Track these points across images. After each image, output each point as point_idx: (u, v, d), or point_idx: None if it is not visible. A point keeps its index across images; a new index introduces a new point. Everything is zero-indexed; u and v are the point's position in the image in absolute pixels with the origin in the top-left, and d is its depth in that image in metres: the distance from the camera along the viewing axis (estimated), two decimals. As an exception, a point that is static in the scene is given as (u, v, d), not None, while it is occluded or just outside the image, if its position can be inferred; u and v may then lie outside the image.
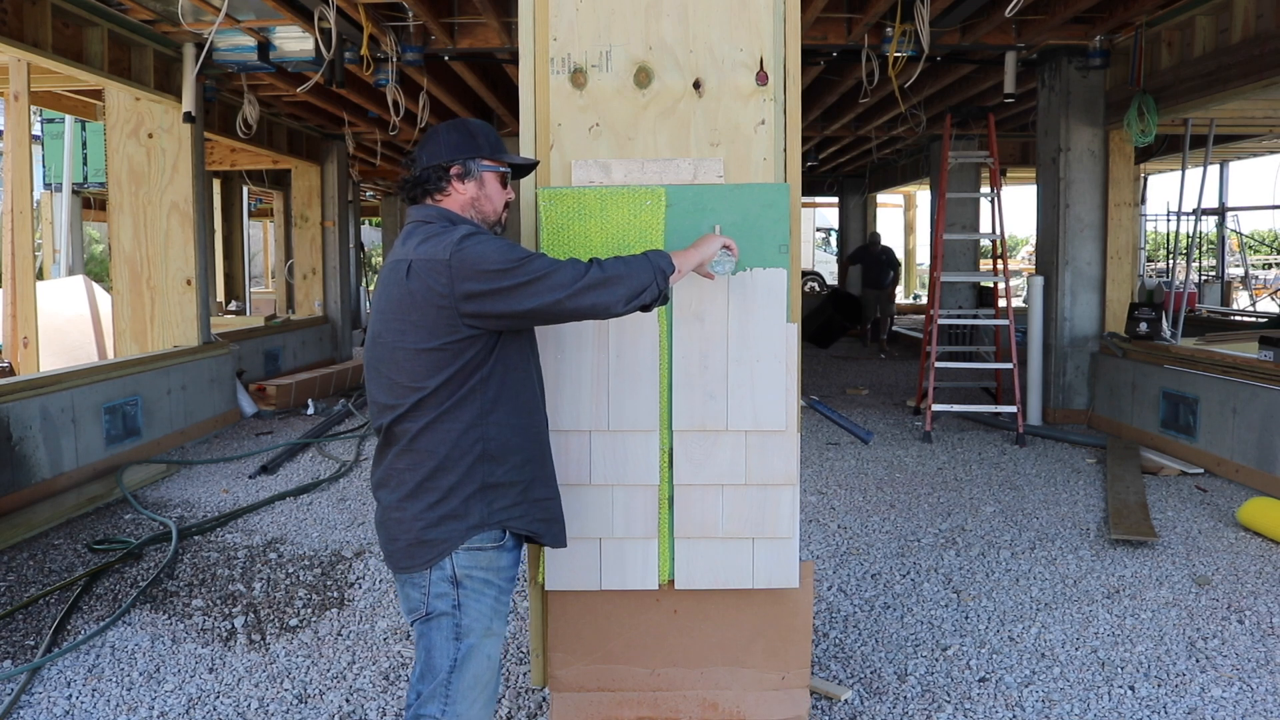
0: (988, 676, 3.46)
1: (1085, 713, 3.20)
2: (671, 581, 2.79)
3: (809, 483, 6.16)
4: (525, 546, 2.50)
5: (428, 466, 2.16)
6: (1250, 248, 21.32)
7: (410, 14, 7.30)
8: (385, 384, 2.18)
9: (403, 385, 2.15)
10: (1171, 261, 11.64)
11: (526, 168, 2.44)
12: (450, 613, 2.15)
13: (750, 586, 2.78)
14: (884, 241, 14.69)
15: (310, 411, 9.05)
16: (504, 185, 2.33)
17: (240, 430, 8.23)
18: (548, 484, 2.34)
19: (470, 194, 2.26)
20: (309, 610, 4.12)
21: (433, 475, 2.15)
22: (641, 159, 2.76)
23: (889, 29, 7.32)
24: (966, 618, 4.00)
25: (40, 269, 12.07)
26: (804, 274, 12.92)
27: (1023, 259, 27.05)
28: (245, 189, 15.09)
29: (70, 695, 3.35)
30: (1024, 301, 9.84)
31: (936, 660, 3.60)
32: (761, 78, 2.76)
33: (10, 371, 7.59)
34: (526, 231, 2.86)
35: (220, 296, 15.05)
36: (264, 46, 7.64)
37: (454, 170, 2.25)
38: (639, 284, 2.17)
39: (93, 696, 3.35)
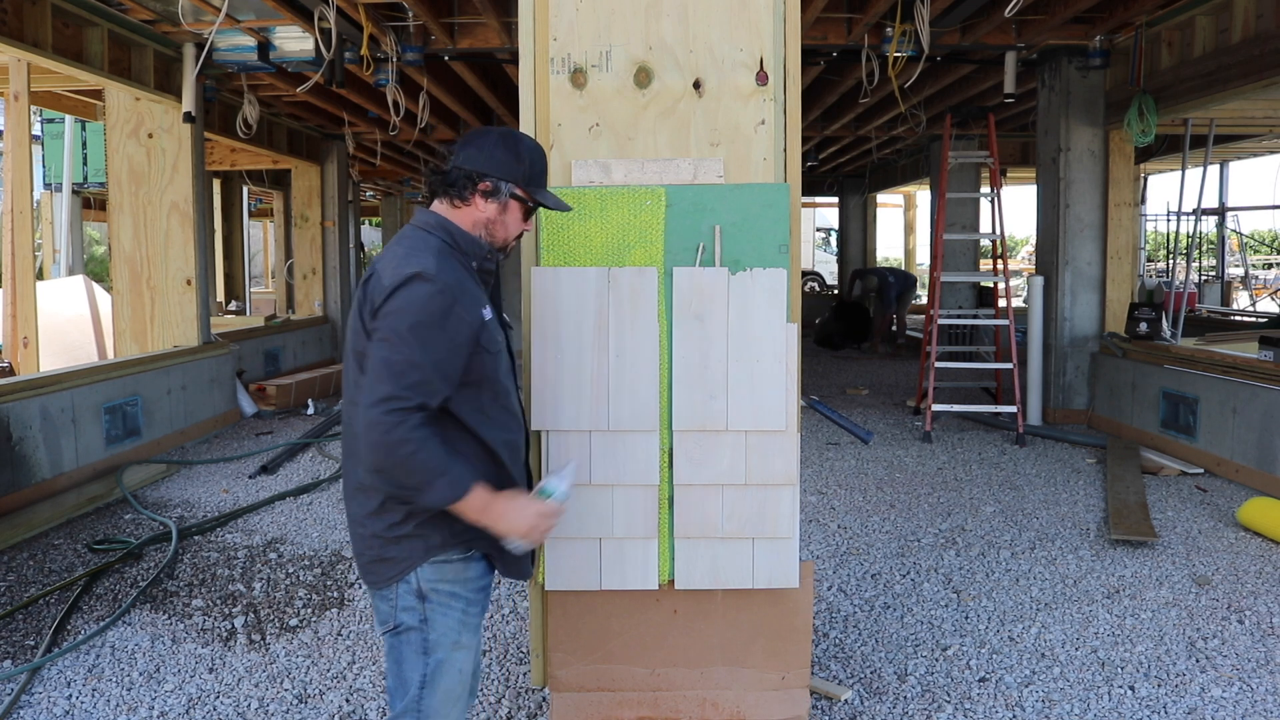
0: (988, 676, 3.46)
1: (1085, 713, 3.20)
2: (671, 581, 2.79)
3: (809, 483, 6.16)
4: None
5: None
6: (1250, 248, 21.31)
7: (410, 14, 7.30)
8: (351, 389, 2.07)
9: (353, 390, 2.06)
10: (1171, 261, 11.64)
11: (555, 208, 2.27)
12: (418, 627, 2.10)
13: (750, 586, 2.78)
14: (897, 267, 15.07)
15: (310, 411, 9.05)
16: (526, 218, 2.20)
17: (240, 430, 8.23)
18: None
19: (489, 214, 2.14)
20: (309, 610, 4.12)
21: (386, 496, 2.05)
22: (641, 159, 2.76)
23: (889, 29, 7.32)
24: (966, 618, 4.00)
25: (40, 269, 12.07)
26: (804, 274, 13.00)
27: (1023, 259, 27.04)
28: (245, 189, 15.09)
29: (70, 695, 3.35)
30: (1024, 301, 9.84)
31: (936, 660, 3.60)
32: (761, 78, 2.76)
33: (10, 371, 7.59)
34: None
35: (220, 296, 15.05)
36: (264, 46, 7.64)
37: (482, 185, 2.12)
38: (413, 482, 1.94)
39: (93, 696, 3.35)
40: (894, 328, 14.64)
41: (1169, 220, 15.73)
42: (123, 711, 3.25)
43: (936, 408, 7.80)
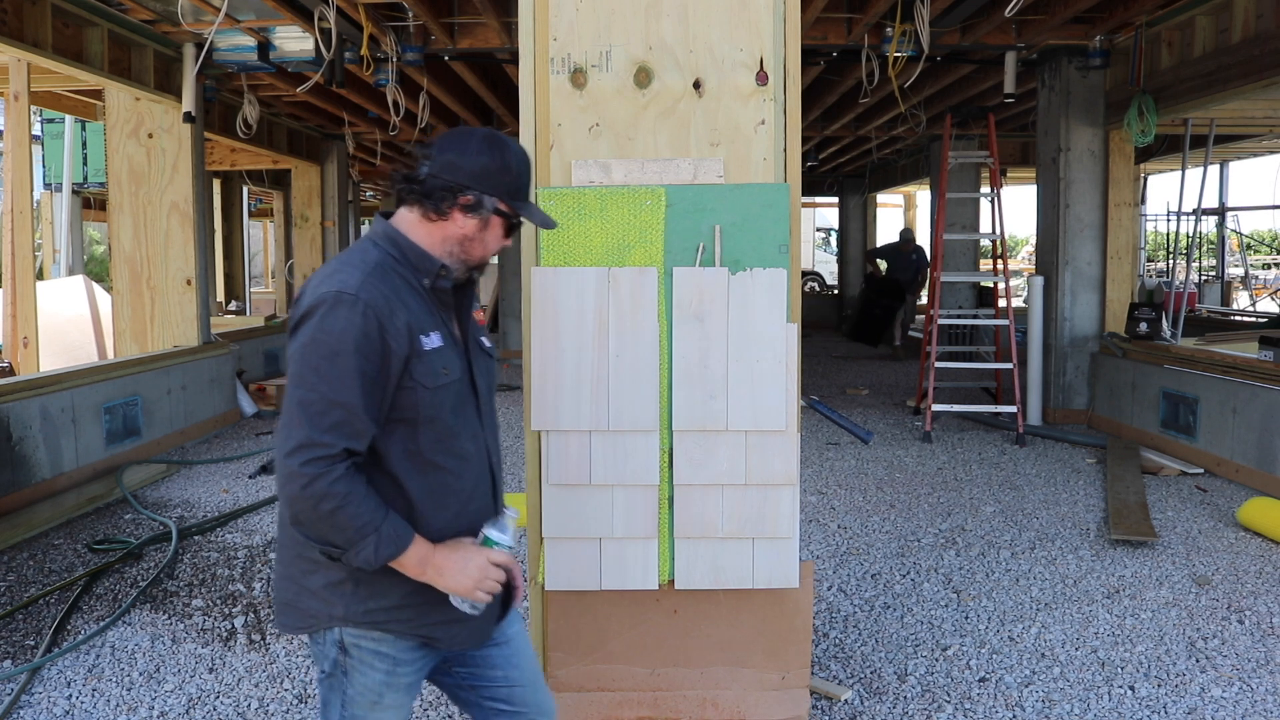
0: (988, 676, 3.46)
1: (1085, 713, 3.20)
2: (671, 582, 2.79)
3: (809, 483, 6.16)
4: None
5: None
6: (1250, 248, 21.31)
7: (410, 14, 7.30)
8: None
9: None
10: (1171, 261, 11.65)
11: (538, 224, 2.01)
12: (337, 676, 1.85)
13: (750, 586, 2.78)
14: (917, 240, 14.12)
15: (310, 411, 9.04)
16: (508, 235, 1.92)
17: (240, 430, 8.23)
18: None
19: (465, 231, 1.85)
20: (309, 610, 4.11)
21: (305, 542, 1.79)
22: (641, 159, 2.76)
23: (889, 29, 7.32)
24: (966, 618, 4.00)
25: (40, 269, 12.07)
26: (804, 274, 12.64)
27: (1023, 259, 27.04)
28: (245, 189, 15.09)
29: (70, 695, 3.35)
30: (1024, 301, 9.84)
31: (936, 660, 3.60)
32: (761, 78, 2.76)
33: (10, 371, 7.59)
34: (526, 232, 2.86)
35: (220, 296, 15.05)
36: (264, 46, 7.64)
37: (463, 199, 1.82)
38: (339, 540, 1.71)
39: (93, 696, 3.35)
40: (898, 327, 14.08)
41: (1169, 220, 15.74)
42: (123, 711, 3.25)
43: (936, 408, 7.80)
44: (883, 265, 14.10)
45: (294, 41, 7.66)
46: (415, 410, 1.79)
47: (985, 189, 9.53)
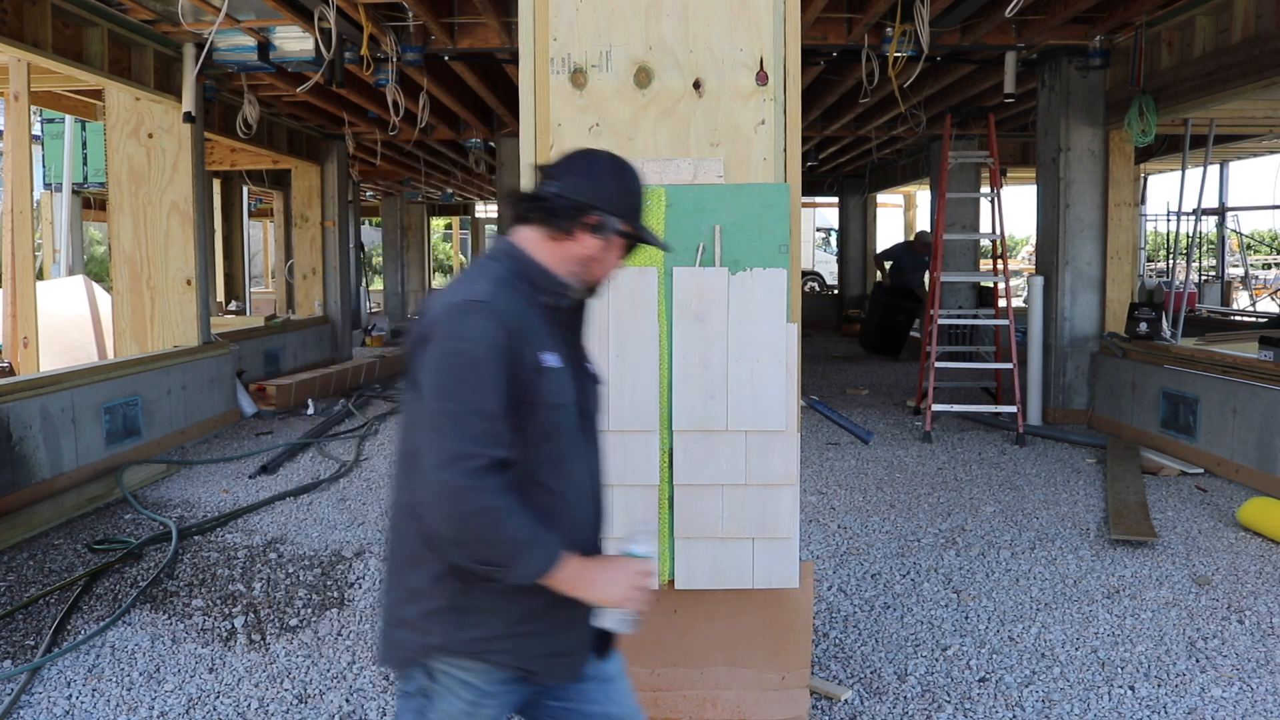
0: (988, 676, 3.46)
1: (1085, 713, 3.20)
2: (671, 581, 2.79)
3: (809, 483, 6.16)
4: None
5: (401, 554, 1.79)
6: (1250, 248, 21.32)
7: (410, 14, 7.30)
8: (403, 442, 1.80)
9: (403, 440, 1.79)
10: (1171, 261, 11.65)
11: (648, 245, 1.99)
12: (419, 699, 1.81)
13: (750, 586, 2.79)
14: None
15: (310, 412, 9.05)
16: (625, 255, 1.92)
17: (240, 430, 8.23)
18: (561, 609, 1.78)
19: (589, 250, 1.83)
20: (309, 610, 4.12)
21: (403, 568, 1.78)
22: (641, 159, 2.76)
23: (889, 29, 7.32)
24: (966, 618, 4.00)
25: (40, 269, 12.07)
26: (804, 274, 12.39)
27: (1023, 259, 27.04)
28: (245, 189, 15.09)
29: (70, 695, 3.35)
30: (1024, 301, 9.84)
31: (936, 660, 3.60)
32: (761, 78, 2.76)
33: (10, 371, 7.59)
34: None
35: (220, 296, 15.05)
36: (264, 46, 7.64)
37: (590, 219, 1.81)
38: (499, 556, 1.66)
39: (93, 696, 3.35)
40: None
41: (1169, 220, 15.74)
42: (123, 711, 3.25)
43: (936, 408, 7.80)
44: (886, 266, 13.96)
45: (294, 41, 7.66)
46: (535, 428, 1.74)
47: (985, 189, 9.53)
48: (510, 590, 1.71)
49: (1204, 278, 15.99)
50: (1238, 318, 13.78)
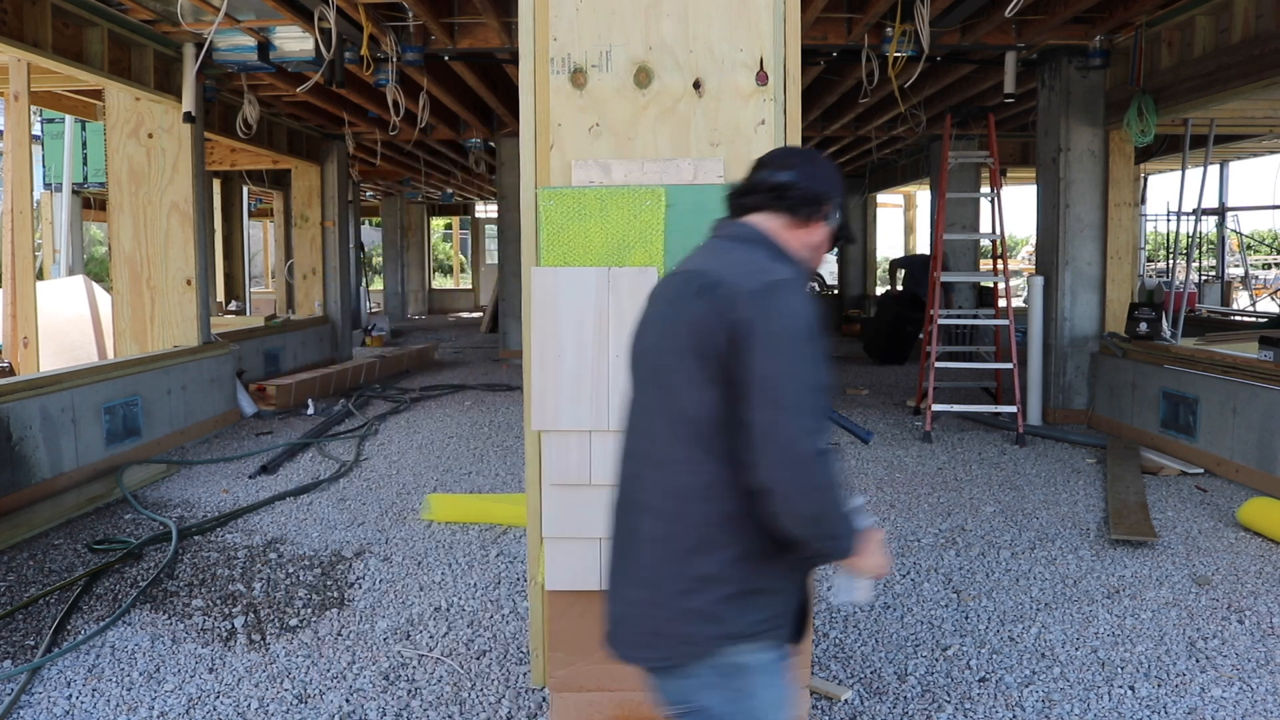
0: (988, 676, 3.46)
1: (1085, 713, 3.20)
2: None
3: (809, 483, 6.15)
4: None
5: (684, 542, 1.72)
6: (1250, 248, 21.32)
7: (410, 14, 7.31)
8: (649, 425, 1.79)
9: (680, 420, 1.73)
10: (1171, 261, 11.64)
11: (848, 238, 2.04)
12: (737, 698, 1.74)
13: (750, 586, 2.78)
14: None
15: (310, 411, 9.05)
16: (831, 246, 1.99)
17: (240, 430, 8.23)
18: (800, 578, 1.86)
19: (819, 237, 1.90)
20: (309, 610, 4.12)
21: (685, 556, 1.72)
22: (641, 159, 2.77)
23: (889, 29, 7.32)
24: (966, 618, 4.00)
25: (40, 269, 12.08)
26: None
27: (1023, 259, 27.04)
28: (245, 189, 15.10)
29: (70, 695, 3.35)
30: (1024, 301, 9.84)
31: (936, 660, 3.60)
32: (761, 78, 2.76)
33: (10, 371, 7.59)
34: (526, 232, 2.86)
35: (220, 296, 15.06)
36: (264, 46, 7.65)
37: (828, 207, 1.88)
38: (841, 530, 1.68)
39: (93, 696, 3.35)
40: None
41: (1169, 220, 15.73)
42: (123, 711, 3.25)
43: (936, 408, 7.81)
44: (900, 274, 13.83)
45: (294, 41, 7.66)
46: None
47: (985, 189, 9.53)
48: (789, 566, 1.75)
49: (1204, 278, 15.99)
50: (1238, 318, 13.78)
